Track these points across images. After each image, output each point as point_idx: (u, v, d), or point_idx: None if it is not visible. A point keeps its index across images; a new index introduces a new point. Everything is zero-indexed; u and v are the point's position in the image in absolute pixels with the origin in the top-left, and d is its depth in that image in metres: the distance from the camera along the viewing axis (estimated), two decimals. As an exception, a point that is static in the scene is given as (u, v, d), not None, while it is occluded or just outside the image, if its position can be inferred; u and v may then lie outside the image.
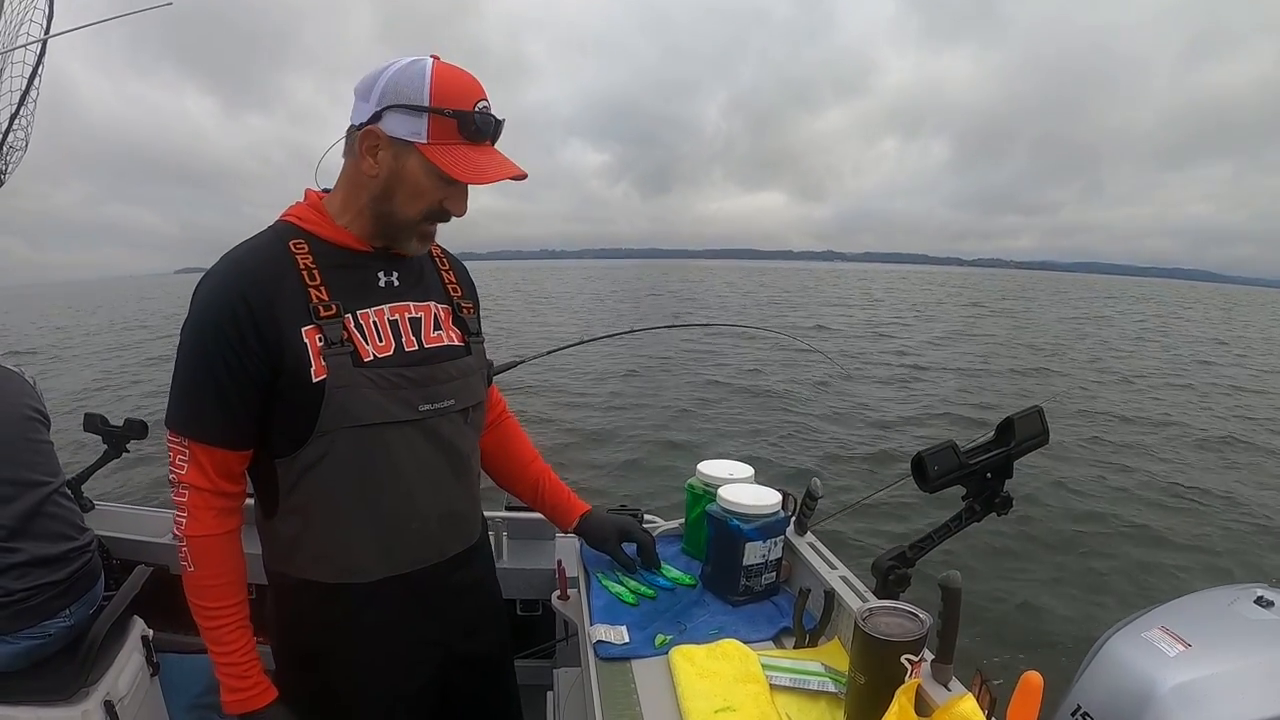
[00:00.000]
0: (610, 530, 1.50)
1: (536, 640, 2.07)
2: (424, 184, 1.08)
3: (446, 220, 1.15)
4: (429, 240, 1.18)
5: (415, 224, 1.12)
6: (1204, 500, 6.18)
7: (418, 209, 1.11)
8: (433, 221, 1.14)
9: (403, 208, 1.10)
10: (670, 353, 13.74)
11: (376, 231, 1.14)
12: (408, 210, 1.10)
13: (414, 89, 1.04)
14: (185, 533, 1.10)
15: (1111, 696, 1.29)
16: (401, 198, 1.10)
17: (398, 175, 1.08)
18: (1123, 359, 15.10)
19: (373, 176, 1.09)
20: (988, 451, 1.37)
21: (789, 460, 7.20)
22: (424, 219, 1.12)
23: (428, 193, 1.09)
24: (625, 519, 1.54)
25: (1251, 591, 1.44)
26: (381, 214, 1.12)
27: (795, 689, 1.10)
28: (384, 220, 1.12)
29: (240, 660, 1.12)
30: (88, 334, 21.81)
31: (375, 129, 1.07)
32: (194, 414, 1.08)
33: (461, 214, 1.15)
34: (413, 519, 1.17)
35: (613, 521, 1.51)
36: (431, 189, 1.09)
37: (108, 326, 25.31)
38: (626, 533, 1.50)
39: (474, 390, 1.25)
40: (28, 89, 2.16)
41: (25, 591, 1.53)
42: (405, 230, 1.13)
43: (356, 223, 1.14)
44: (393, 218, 1.12)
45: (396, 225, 1.12)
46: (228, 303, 1.04)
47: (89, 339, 20.84)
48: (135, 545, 2.09)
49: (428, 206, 1.11)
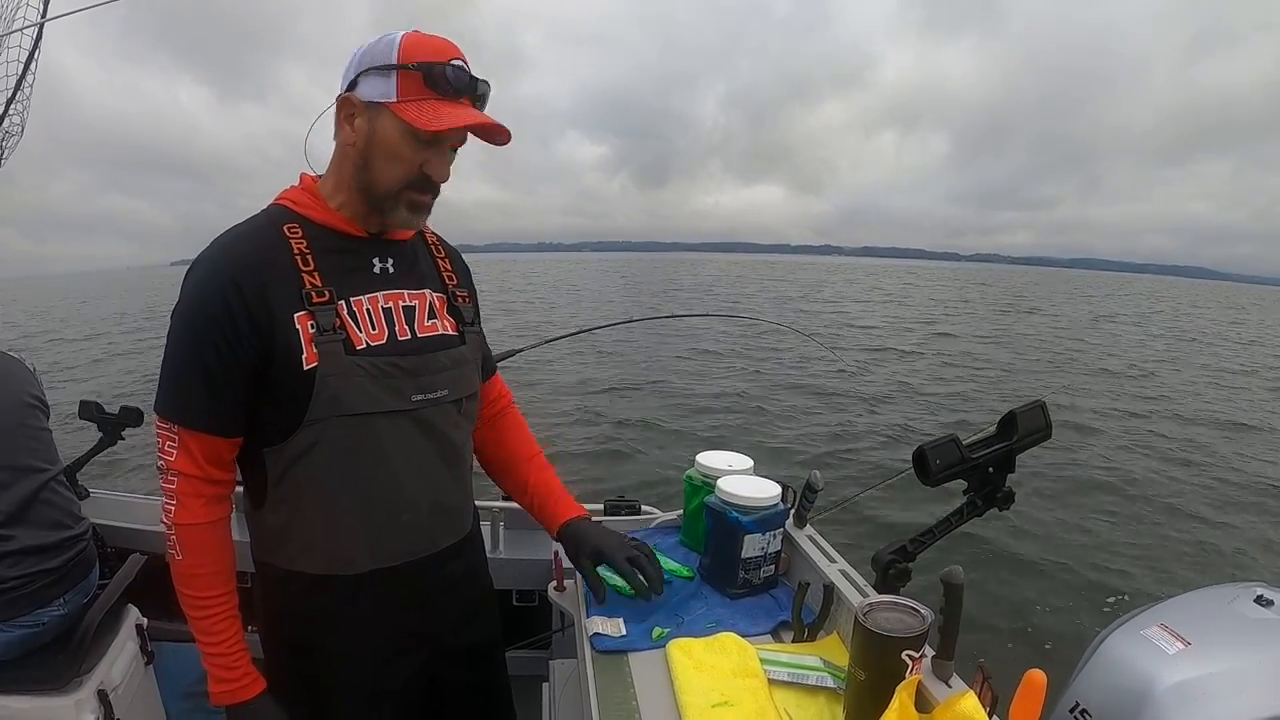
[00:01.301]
0: (584, 548, 1.33)
1: (533, 631, 2.06)
2: (399, 145, 1.06)
3: (432, 189, 1.11)
4: (421, 212, 1.13)
5: (398, 192, 1.09)
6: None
7: (397, 174, 1.08)
8: (418, 190, 1.10)
9: (382, 174, 1.08)
10: (670, 343, 13.75)
11: (367, 208, 1.12)
12: (387, 176, 1.08)
13: (384, 52, 1.04)
14: (173, 520, 1.08)
15: (1110, 694, 1.28)
16: (379, 163, 1.07)
17: (373, 140, 1.06)
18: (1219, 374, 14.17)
19: (351, 145, 1.08)
20: (990, 446, 1.36)
21: (789, 452, 7.20)
22: (406, 186, 1.09)
23: (404, 155, 1.06)
24: (607, 539, 1.33)
25: (1251, 590, 1.43)
26: (365, 185, 1.09)
27: (794, 684, 1.09)
28: (369, 192, 1.10)
29: (228, 651, 1.11)
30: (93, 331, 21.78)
31: (350, 96, 1.06)
32: (183, 400, 1.06)
33: (443, 178, 1.11)
34: (403, 510, 1.16)
35: (591, 539, 1.34)
36: (408, 151, 1.06)
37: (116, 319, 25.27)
38: (599, 553, 1.31)
39: (468, 381, 1.23)
40: (24, 74, 2.15)
41: (19, 579, 1.52)
42: (390, 200, 1.10)
43: (349, 204, 1.12)
44: (375, 187, 1.09)
45: (380, 195, 1.09)
46: (219, 288, 1.03)
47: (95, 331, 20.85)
48: (130, 533, 2.08)
49: (406, 172, 1.08)
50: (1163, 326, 24.20)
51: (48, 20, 2.10)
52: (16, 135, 2.21)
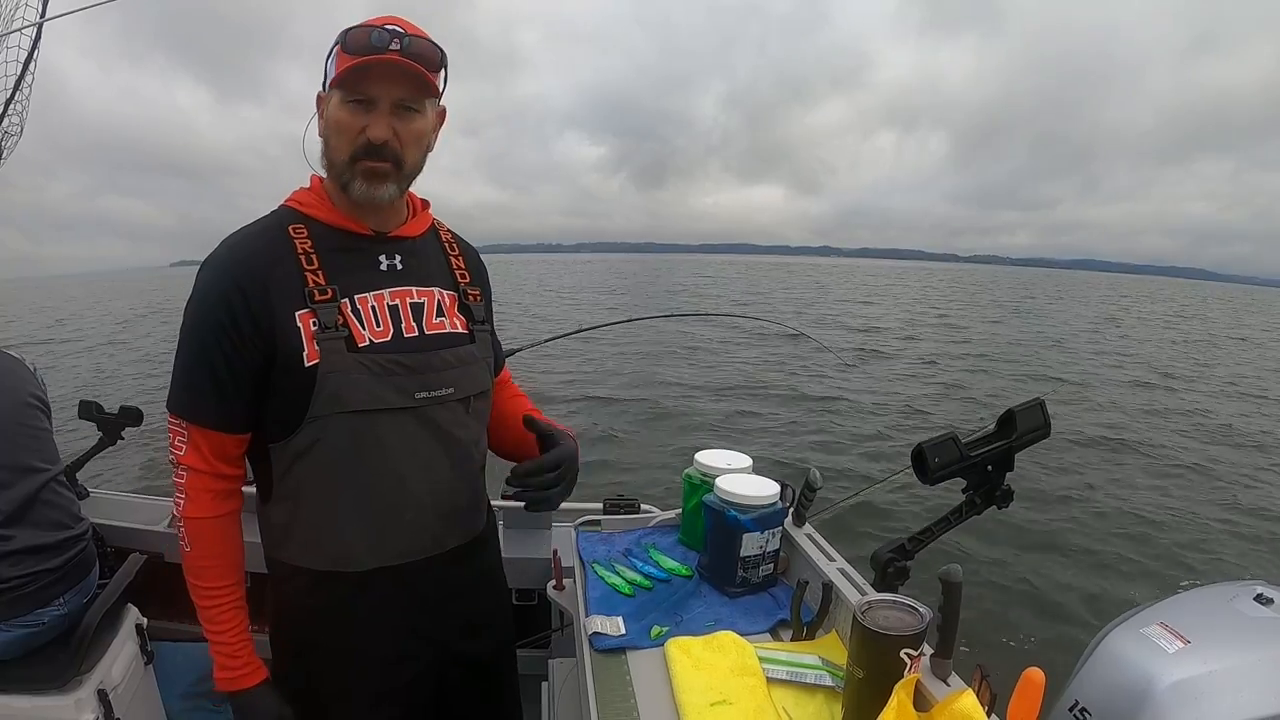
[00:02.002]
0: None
1: (532, 630, 2.06)
2: (340, 117, 1.07)
3: (382, 155, 1.08)
4: (377, 180, 1.09)
5: (350, 164, 1.08)
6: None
7: (344, 145, 1.08)
8: (366, 158, 1.08)
9: (336, 151, 1.09)
10: (668, 343, 13.75)
11: (341, 195, 1.13)
12: (339, 152, 1.09)
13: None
14: (183, 514, 1.11)
15: (1110, 692, 1.28)
16: (333, 141, 1.09)
17: (328, 124, 1.09)
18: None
19: (322, 136, 1.11)
20: (989, 444, 1.36)
21: (788, 450, 7.20)
22: (354, 156, 1.08)
23: (345, 125, 1.07)
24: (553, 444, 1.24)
25: (1251, 588, 1.43)
26: (329, 167, 1.12)
27: (792, 682, 1.09)
28: (334, 177, 1.11)
29: (232, 640, 1.14)
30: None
31: (320, 94, 1.10)
32: (191, 397, 1.09)
33: (379, 137, 1.07)
34: (406, 509, 1.16)
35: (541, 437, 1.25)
36: (349, 120, 1.07)
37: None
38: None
39: (476, 379, 1.23)
40: (23, 73, 2.15)
41: (19, 579, 1.52)
42: (347, 174, 1.09)
43: (340, 197, 1.13)
44: (333, 167, 1.11)
45: (339, 173, 1.10)
46: (223, 289, 1.05)
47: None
48: (129, 533, 2.09)
49: (350, 140, 1.08)
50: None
51: (47, 20, 2.10)
52: (16, 135, 2.22)
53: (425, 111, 1.12)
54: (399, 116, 1.09)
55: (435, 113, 1.16)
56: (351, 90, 1.06)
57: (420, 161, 1.15)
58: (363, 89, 1.06)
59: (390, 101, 1.07)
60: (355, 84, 1.05)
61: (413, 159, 1.12)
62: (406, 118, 1.09)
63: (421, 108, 1.11)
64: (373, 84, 1.05)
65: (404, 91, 1.08)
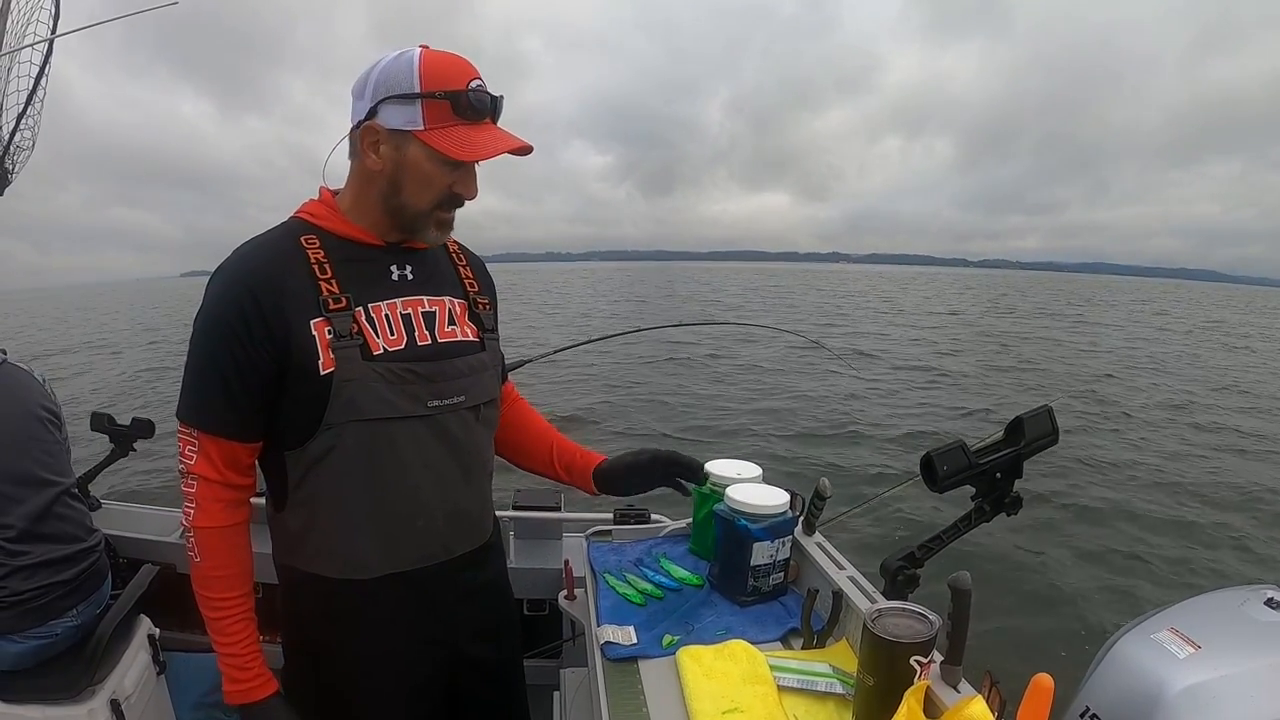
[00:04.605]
0: (619, 471, 1.40)
1: (543, 640, 2.07)
2: (429, 170, 1.08)
3: (460, 205, 1.15)
4: (448, 228, 1.17)
5: (429, 213, 1.12)
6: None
7: (428, 198, 1.10)
8: (446, 208, 1.14)
9: (414, 198, 1.10)
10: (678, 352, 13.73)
11: (393, 226, 1.14)
12: (419, 200, 1.11)
13: (404, 78, 1.05)
14: (193, 524, 1.11)
15: (1121, 698, 1.28)
16: (410, 188, 1.10)
17: (402, 166, 1.08)
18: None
19: (378, 171, 1.10)
20: (997, 451, 1.36)
21: (797, 459, 7.19)
22: (436, 206, 1.12)
23: (434, 179, 1.09)
24: (635, 454, 1.41)
25: (1262, 593, 1.43)
26: (394, 208, 1.12)
27: (803, 690, 1.10)
28: (398, 214, 1.13)
29: (242, 652, 1.13)
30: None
31: (373, 124, 1.07)
32: (202, 406, 1.09)
33: (472, 196, 1.14)
34: (418, 516, 1.17)
35: (623, 462, 1.40)
36: (438, 175, 1.09)
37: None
38: (634, 464, 1.40)
39: (486, 387, 1.24)
40: (34, 88, 2.17)
41: (32, 592, 1.53)
42: (421, 220, 1.13)
43: (369, 218, 1.14)
44: (405, 210, 1.12)
45: (411, 217, 1.12)
46: (235, 297, 1.06)
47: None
48: (142, 544, 2.10)
49: (437, 194, 1.10)
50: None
51: (58, 36, 2.12)
52: (27, 150, 2.23)
53: None
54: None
55: None
56: (461, 158, 1.08)
57: None
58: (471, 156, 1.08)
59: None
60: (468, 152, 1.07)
61: None
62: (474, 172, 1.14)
63: None
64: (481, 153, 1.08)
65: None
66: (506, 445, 1.45)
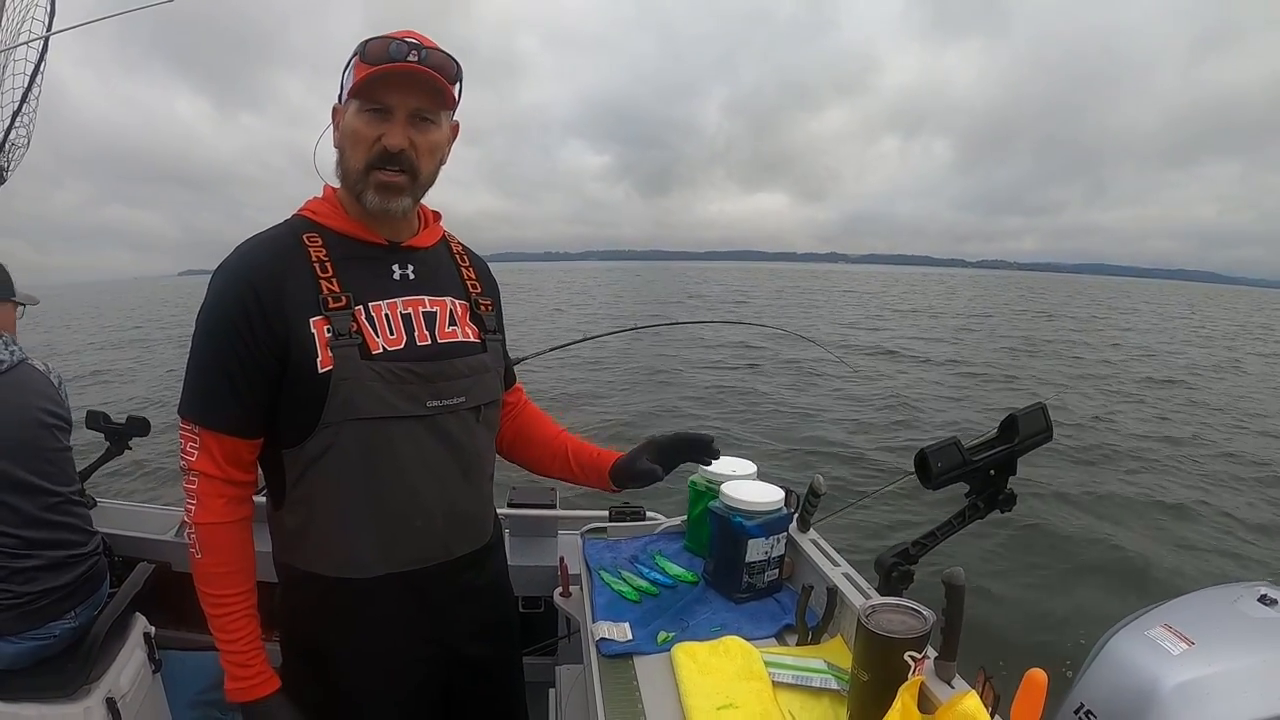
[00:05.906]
0: (639, 464, 1.37)
1: (539, 637, 2.07)
2: (357, 126, 1.09)
3: (397, 164, 1.09)
4: (391, 192, 1.11)
5: (365, 173, 1.10)
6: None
7: (361, 154, 1.09)
8: (382, 168, 1.09)
9: (351, 160, 1.11)
10: (674, 350, 13.73)
11: (355, 204, 1.14)
12: (355, 159, 1.10)
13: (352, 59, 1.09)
14: (194, 520, 1.10)
15: (1114, 694, 1.28)
16: (349, 151, 1.11)
17: (343, 132, 1.10)
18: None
19: (338, 147, 1.12)
20: (991, 448, 1.37)
21: (792, 456, 7.20)
22: (369, 165, 1.09)
23: (361, 133, 1.08)
24: (654, 439, 1.41)
25: (1255, 590, 1.43)
26: (344, 177, 1.13)
27: (798, 686, 1.10)
28: (347, 183, 1.13)
29: (243, 649, 1.13)
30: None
31: (335, 105, 1.12)
32: (204, 402, 1.09)
33: (395, 145, 1.08)
34: (416, 516, 1.16)
35: (639, 455, 1.38)
36: (365, 128, 1.08)
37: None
38: (653, 449, 1.39)
39: (487, 388, 1.24)
40: (29, 86, 2.16)
41: (32, 595, 1.53)
42: (360, 184, 1.11)
43: (355, 207, 1.14)
44: (349, 176, 1.12)
45: (353, 182, 1.11)
46: (237, 294, 1.06)
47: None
48: (137, 542, 2.10)
49: (367, 148, 1.09)
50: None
51: (53, 34, 2.11)
52: (22, 148, 2.22)
53: (441, 123, 1.13)
54: (415, 126, 1.10)
55: (450, 125, 1.17)
56: (369, 99, 1.07)
57: (434, 173, 1.16)
58: (380, 97, 1.07)
59: (407, 111, 1.09)
60: (373, 92, 1.06)
61: (427, 170, 1.14)
62: (423, 128, 1.11)
63: (437, 119, 1.12)
64: (391, 92, 1.07)
65: (421, 101, 1.09)
66: (520, 451, 1.46)
